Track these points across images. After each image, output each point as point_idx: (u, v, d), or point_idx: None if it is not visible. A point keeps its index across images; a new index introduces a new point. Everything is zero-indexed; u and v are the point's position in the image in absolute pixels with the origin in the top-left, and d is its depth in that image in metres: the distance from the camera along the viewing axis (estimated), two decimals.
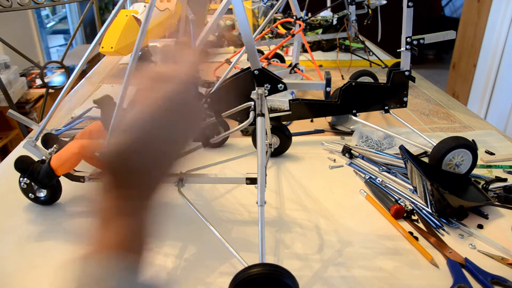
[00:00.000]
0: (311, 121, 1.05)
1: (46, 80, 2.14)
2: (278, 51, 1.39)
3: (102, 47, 1.31)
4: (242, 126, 0.58)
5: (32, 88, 2.17)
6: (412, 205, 0.71)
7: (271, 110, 0.99)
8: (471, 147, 0.74)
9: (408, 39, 0.86)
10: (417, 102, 1.19)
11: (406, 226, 0.66)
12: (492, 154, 0.88)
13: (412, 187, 0.74)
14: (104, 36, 1.32)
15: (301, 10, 1.26)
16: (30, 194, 0.69)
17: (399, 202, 0.71)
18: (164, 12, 1.57)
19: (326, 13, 1.67)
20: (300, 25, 1.17)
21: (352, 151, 0.86)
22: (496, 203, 0.68)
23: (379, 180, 0.77)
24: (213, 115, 0.78)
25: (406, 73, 0.89)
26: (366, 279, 0.56)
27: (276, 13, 1.64)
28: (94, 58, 2.38)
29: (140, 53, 0.93)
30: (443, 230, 0.64)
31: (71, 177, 0.67)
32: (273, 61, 1.36)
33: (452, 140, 0.74)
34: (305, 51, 1.65)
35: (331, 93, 1.00)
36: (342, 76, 1.39)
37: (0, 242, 0.63)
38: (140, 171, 0.36)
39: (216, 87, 0.88)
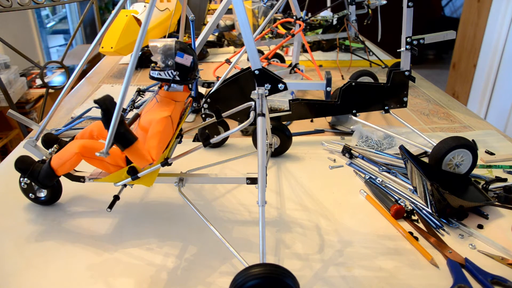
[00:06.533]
0: (311, 121, 1.05)
1: (46, 80, 2.14)
2: (278, 51, 1.39)
3: (102, 47, 1.31)
4: (243, 126, 0.58)
5: (32, 88, 2.17)
6: (412, 205, 0.71)
7: (271, 110, 0.99)
8: (471, 147, 0.74)
9: (408, 39, 0.86)
10: (417, 102, 1.19)
11: (406, 226, 0.66)
12: (492, 154, 0.88)
13: (412, 187, 0.74)
14: (104, 36, 1.32)
15: (301, 10, 1.26)
16: (30, 194, 0.69)
17: (399, 202, 0.71)
18: (164, 12, 1.57)
19: (326, 13, 1.67)
20: (300, 25, 1.17)
21: (352, 151, 0.86)
22: (496, 203, 0.68)
23: (379, 180, 0.77)
24: (213, 115, 0.79)
25: (406, 73, 0.89)
26: (366, 279, 0.56)
27: (276, 13, 1.64)
28: (94, 58, 2.38)
29: (140, 53, 0.94)
30: (443, 230, 0.65)
31: (71, 177, 0.67)
32: (273, 61, 1.36)
33: (452, 140, 0.74)
34: (305, 51, 1.66)
35: (331, 93, 1.00)
36: (342, 76, 1.39)
37: (0, 242, 0.63)
38: None
39: (216, 87, 0.88)
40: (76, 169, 0.67)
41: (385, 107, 0.92)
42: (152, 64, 0.59)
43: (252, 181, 0.64)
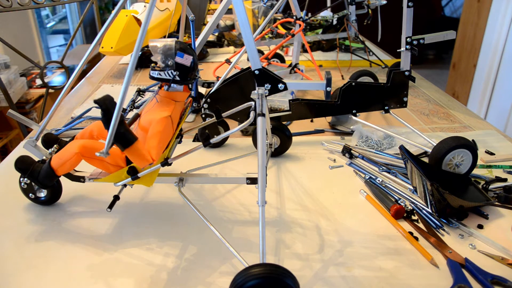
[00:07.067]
0: (311, 121, 1.05)
1: (46, 80, 2.14)
2: (278, 51, 1.39)
3: (102, 47, 1.31)
4: (243, 126, 0.58)
5: (32, 88, 2.17)
6: (412, 205, 0.71)
7: (271, 110, 0.99)
8: (471, 147, 0.74)
9: (408, 39, 0.86)
10: (417, 102, 1.19)
11: (406, 226, 0.66)
12: (492, 154, 0.88)
13: (412, 187, 0.74)
14: (104, 36, 1.32)
15: (301, 10, 1.26)
16: (30, 194, 0.69)
17: (399, 202, 0.71)
18: (164, 12, 1.57)
19: (326, 13, 1.67)
20: (300, 25, 1.17)
21: (352, 151, 0.86)
22: (496, 203, 0.68)
23: (379, 180, 0.77)
24: (213, 115, 0.79)
25: (406, 73, 0.89)
26: (366, 279, 0.56)
27: (276, 13, 1.64)
28: (94, 58, 2.38)
29: (140, 53, 0.94)
30: (443, 230, 0.65)
31: (71, 177, 0.67)
32: (273, 61, 1.36)
33: (452, 140, 0.74)
34: (305, 51, 1.66)
35: (331, 93, 1.00)
36: (342, 76, 1.39)
37: (0, 242, 0.63)
38: None
39: (216, 87, 0.88)
40: (76, 169, 0.67)
41: (385, 107, 0.92)
42: (152, 64, 0.59)
43: (252, 181, 0.64)
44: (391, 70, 0.90)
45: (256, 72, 0.76)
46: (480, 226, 0.65)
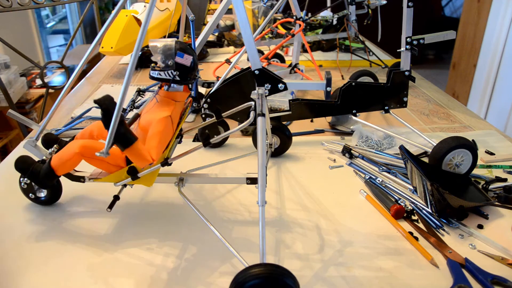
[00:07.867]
0: (311, 121, 1.05)
1: (46, 80, 2.13)
2: (278, 51, 1.39)
3: (102, 47, 1.31)
4: (243, 126, 0.58)
5: (32, 88, 2.17)
6: (412, 205, 0.71)
7: (271, 110, 0.99)
8: (471, 147, 0.74)
9: (408, 39, 0.86)
10: (417, 102, 1.19)
11: (406, 226, 0.66)
12: (492, 154, 0.88)
13: (412, 187, 0.74)
14: (104, 36, 1.32)
15: (301, 10, 1.26)
16: (30, 194, 0.69)
17: (399, 202, 0.71)
18: (164, 12, 1.57)
19: (326, 13, 1.67)
20: (300, 25, 1.17)
21: (352, 151, 0.86)
22: (496, 203, 0.68)
23: (379, 180, 0.77)
24: (213, 115, 0.79)
25: (406, 73, 0.89)
26: (366, 279, 0.56)
27: (276, 13, 1.64)
28: (94, 58, 2.38)
29: (140, 53, 0.94)
30: (443, 230, 0.65)
31: (71, 177, 0.67)
32: (273, 61, 1.36)
33: (452, 140, 0.74)
34: (305, 51, 1.66)
35: (331, 93, 1.00)
36: (342, 76, 1.39)
37: (0, 242, 0.63)
38: None
39: (216, 87, 0.88)
40: (76, 169, 0.67)
41: (385, 107, 0.92)
42: (152, 64, 0.59)
43: (252, 181, 0.64)
44: (391, 70, 0.90)
45: (256, 72, 0.76)
46: (480, 226, 0.65)
